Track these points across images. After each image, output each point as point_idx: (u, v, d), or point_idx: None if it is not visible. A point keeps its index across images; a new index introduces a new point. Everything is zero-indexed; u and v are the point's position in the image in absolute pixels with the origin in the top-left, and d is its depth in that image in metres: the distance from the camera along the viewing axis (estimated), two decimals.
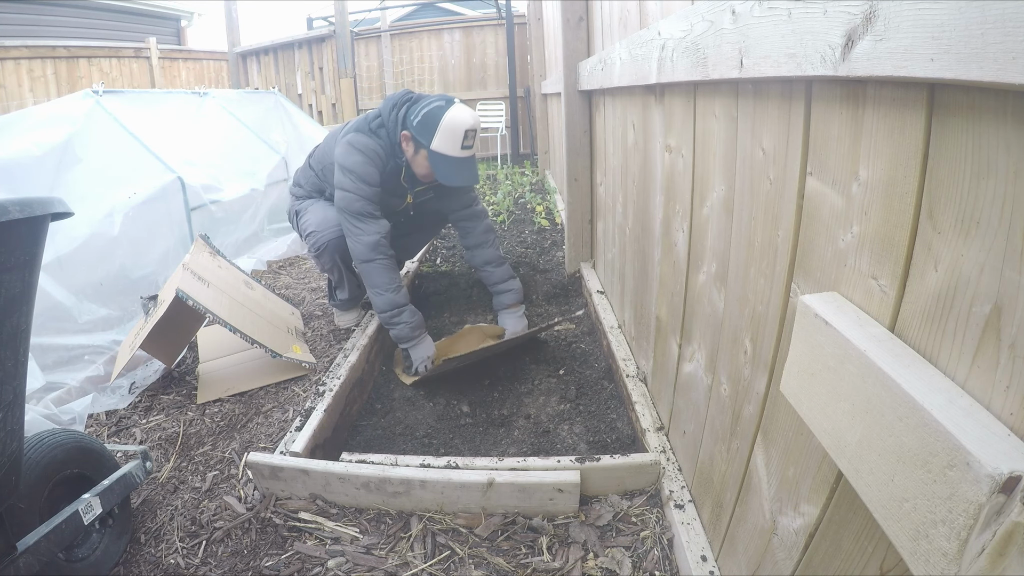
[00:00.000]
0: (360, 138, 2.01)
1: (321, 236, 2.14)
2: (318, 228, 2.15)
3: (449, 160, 1.94)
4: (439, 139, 1.91)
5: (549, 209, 4.15)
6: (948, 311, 0.48)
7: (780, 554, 0.79)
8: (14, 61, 6.12)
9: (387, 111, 2.05)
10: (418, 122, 1.94)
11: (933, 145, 0.49)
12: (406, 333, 1.99)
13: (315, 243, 2.16)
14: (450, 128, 1.90)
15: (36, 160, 2.32)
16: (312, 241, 2.17)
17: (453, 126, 1.90)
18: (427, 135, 1.92)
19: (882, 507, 0.49)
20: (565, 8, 2.41)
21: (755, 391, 0.87)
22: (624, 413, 1.72)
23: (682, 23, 1.01)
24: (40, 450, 1.14)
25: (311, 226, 2.18)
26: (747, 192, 0.89)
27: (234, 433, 1.73)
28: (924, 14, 0.42)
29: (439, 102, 1.96)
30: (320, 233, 2.14)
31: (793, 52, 0.63)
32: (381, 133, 2.04)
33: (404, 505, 1.34)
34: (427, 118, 1.92)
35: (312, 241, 2.17)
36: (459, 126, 1.91)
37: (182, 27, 10.48)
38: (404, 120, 2.00)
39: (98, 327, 2.15)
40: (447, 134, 1.91)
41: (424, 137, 1.93)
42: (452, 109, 1.93)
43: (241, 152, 3.72)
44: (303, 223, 2.23)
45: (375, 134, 2.04)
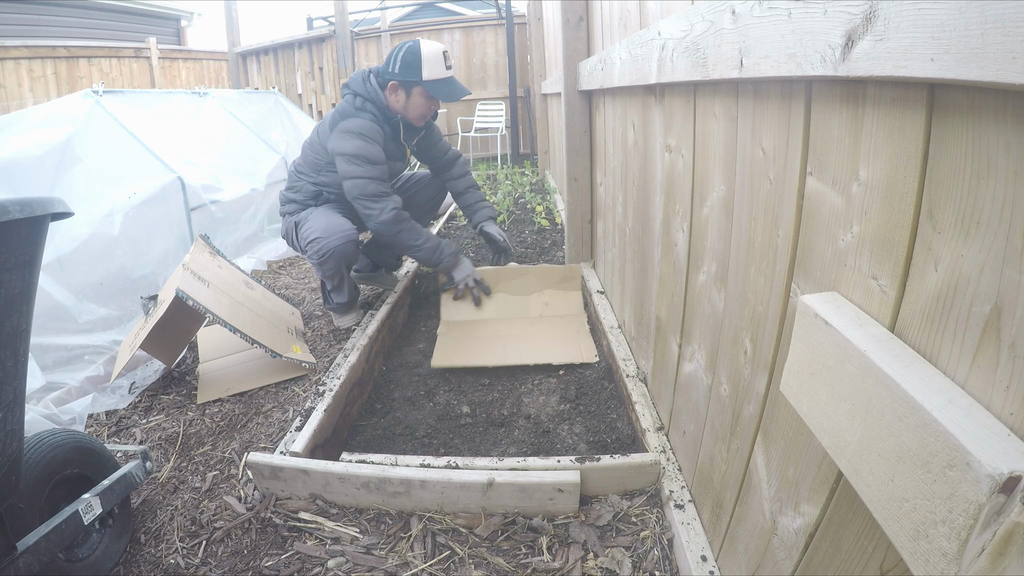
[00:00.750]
0: (352, 123, 2.10)
1: (327, 243, 2.13)
2: (323, 234, 2.14)
3: (442, 82, 2.13)
4: (427, 68, 2.09)
5: (549, 209, 4.14)
6: (948, 311, 0.48)
7: (780, 554, 0.79)
8: (14, 61, 6.13)
9: (360, 87, 2.16)
10: (400, 67, 2.10)
11: (933, 145, 0.49)
12: (450, 262, 2.29)
13: (319, 249, 2.14)
14: (431, 56, 2.10)
15: (36, 160, 2.32)
16: (316, 248, 2.15)
17: (433, 53, 2.10)
18: (415, 72, 2.09)
19: (882, 507, 0.49)
20: (565, 8, 2.41)
21: (755, 391, 0.87)
22: (624, 413, 1.72)
23: (682, 23, 1.01)
24: (40, 450, 1.14)
25: (314, 232, 2.15)
26: (747, 192, 0.89)
27: (234, 433, 1.73)
28: (924, 14, 0.42)
29: (408, 44, 2.13)
30: (325, 240, 2.13)
31: (793, 52, 0.63)
32: (368, 107, 2.14)
33: (404, 505, 1.34)
34: (407, 58, 2.09)
35: (316, 248, 2.15)
36: (437, 50, 2.12)
37: (182, 27, 10.48)
38: (382, 80, 2.15)
39: (98, 327, 2.15)
40: (431, 61, 2.10)
41: (413, 75, 2.10)
42: (423, 43, 2.12)
43: (241, 152, 3.72)
44: (304, 232, 2.20)
45: (363, 111, 2.13)
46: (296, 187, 2.32)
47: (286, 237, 2.38)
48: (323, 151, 2.21)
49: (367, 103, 2.14)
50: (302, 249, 2.27)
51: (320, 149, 2.23)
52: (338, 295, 2.31)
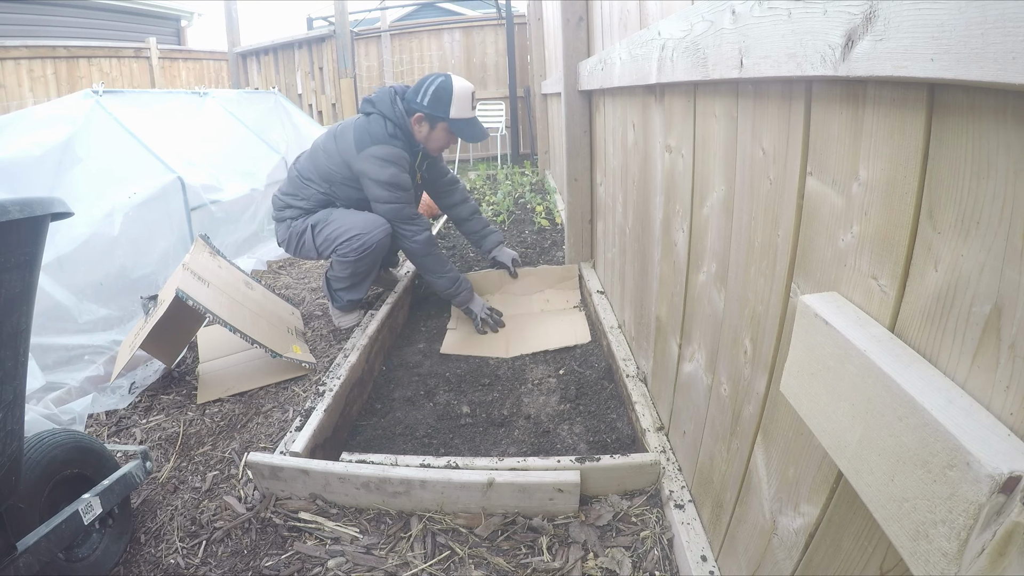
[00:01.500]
0: (387, 150, 2.14)
1: (370, 237, 2.14)
2: (364, 230, 2.15)
3: (467, 122, 2.20)
4: (456, 107, 2.15)
5: (549, 209, 4.14)
6: (948, 311, 0.48)
7: (780, 554, 0.79)
8: (14, 61, 6.13)
9: (389, 110, 2.16)
10: (429, 101, 2.14)
11: (933, 145, 0.49)
12: (466, 297, 2.34)
13: (362, 244, 2.14)
14: (461, 95, 2.16)
15: (36, 160, 2.32)
16: (358, 243, 2.14)
17: (463, 92, 2.17)
18: (443, 108, 2.14)
19: (882, 507, 0.49)
20: (565, 8, 2.41)
21: (755, 391, 0.87)
22: (624, 413, 1.72)
23: (682, 23, 1.01)
24: (40, 450, 1.14)
25: (353, 229, 2.15)
26: (747, 192, 0.89)
27: (234, 433, 1.73)
28: (924, 14, 0.42)
29: (440, 79, 2.17)
30: (368, 235, 2.14)
31: (793, 52, 0.63)
32: (398, 134, 2.18)
33: (404, 505, 1.34)
34: (438, 93, 2.14)
35: (358, 243, 2.14)
36: (467, 90, 2.19)
37: (182, 27, 10.48)
38: (409, 108, 2.18)
39: (98, 327, 2.15)
40: (460, 100, 2.16)
41: (440, 111, 2.15)
42: (455, 80, 2.18)
43: (241, 152, 3.72)
44: (333, 232, 2.18)
45: (395, 139, 2.17)
46: (301, 195, 2.28)
47: (287, 242, 2.32)
48: (343, 166, 2.19)
49: (398, 130, 2.17)
50: (321, 251, 2.24)
51: (340, 163, 2.19)
52: (353, 292, 2.28)
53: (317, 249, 2.24)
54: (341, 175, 2.20)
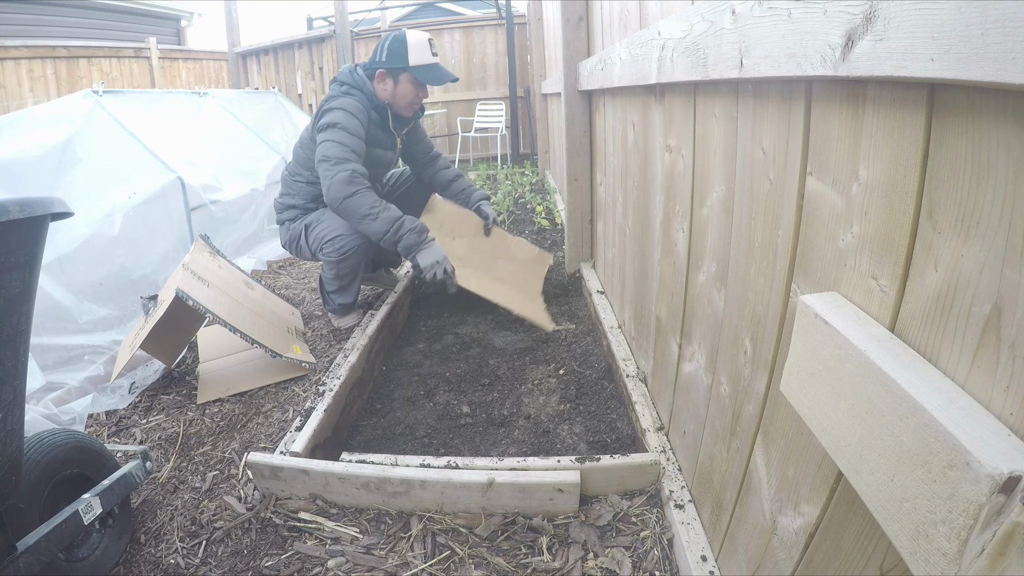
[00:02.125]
0: (336, 100, 2.12)
1: (351, 239, 2.12)
2: (344, 232, 2.12)
3: (429, 67, 2.16)
4: (413, 55, 2.13)
5: (549, 209, 4.14)
6: (948, 311, 0.48)
7: (780, 554, 0.79)
8: (14, 61, 6.13)
9: (347, 77, 2.20)
10: (387, 55, 2.14)
11: (933, 145, 0.49)
12: (414, 239, 2.01)
13: (341, 247, 2.13)
14: (417, 43, 2.14)
15: (36, 160, 2.32)
16: (337, 245, 2.13)
17: (419, 40, 2.14)
18: (401, 58, 2.13)
19: (882, 507, 0.49)
20: (565, 8, 2.41)
21: (755, 391, 0.87)
22: (624, 413, 1.72)
23: (682, 23, 1.01)
24: (40, 450, 1.14)
25: (335, 231, 2.13)
26: (747, 192, 0.89)
27: (234, 433, 1.73)
28: (924, 14, 0.42)
29: (393, 33, 2.17)
30: (348, 237, 2.12)
31: (793, 52, 0.63)
32: (354, 92, 2.17)
33: (404, 505, 1.34)
34: (394, 46, 2.14)
35: (337, 245, 2.13)
36: (422, 37, 2.15)
37: (182, 27, 10.48)
38: (370, 71, 2.18)
39: (98, 327, 2.15)
40: (417, 48, 2.14)
41: (400, 61, 2.13)
42: (409, 32, 2.16)
43: (241, 152, 3.72)
44: (320, 232, 2.18)
45: (349, 95, 2.15)
46: (293, 191, 2.29)
47: (289, 245, 2.32)
48: (311, 144, 2.20)
49: (353, 89, 2.17)
50: (314, 251, 2.24)
51: (309, 143, 2.22)
52: (343, 296, 2.28)
53: (310, 249, 2.25)
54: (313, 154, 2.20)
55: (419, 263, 2.04)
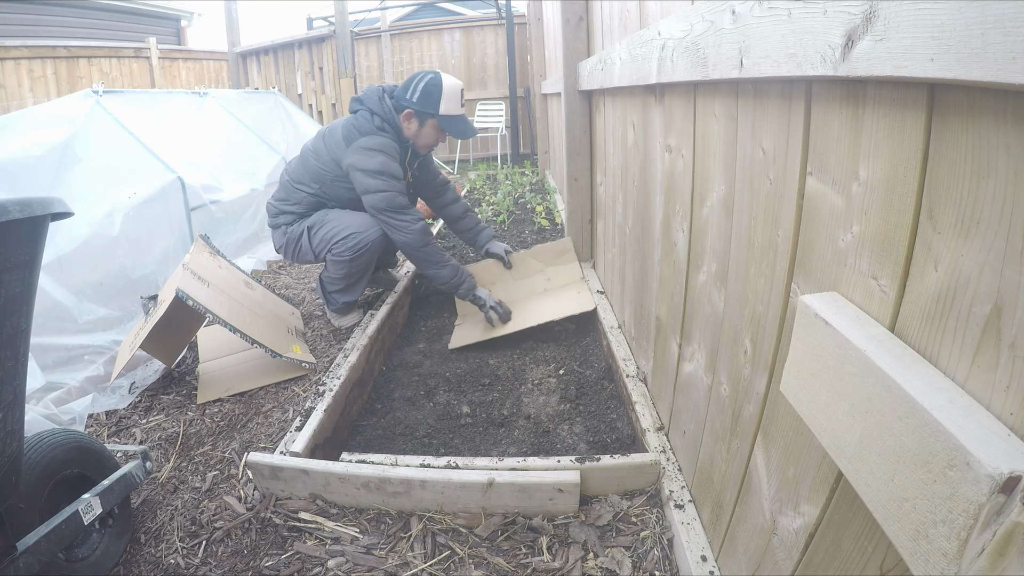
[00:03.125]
0: (375, 140, 2.12)
1: (365, 236, 2.16)
2: (359, 229, 2.16)
3: (456, 118, 2.21)
4: (444, 104, 2.16)
5: (549, 209, 4.14)
6: (948, 311, 0.48)
7: (780, 554, 0.79)
8: (14, 61, 6.13)
9: (376, 106, 2.17)
10: (418, 97, 2.15)
11: (933, 145, 0.49)
12: (471, 284, 2.28)
13: (357, 244, 2.16)
14: (451, 91, 2.17)
15: (36, 160, 2.32)
16: (352, 243, 2.15)
17: (452, 89, 2.17)
18: (432, 105, 2.15)
19: (882, 507, 0.49)
20: (565, 8, 2.41)
21: (755, 391, 0.87)
22: (624, 413, 1.72)
23: (682, 23, 1.01)
24: (40, 450, 1.14)
25: (348, 229, 2.16)
26: (747, 192, 0.89)
27: (234, 433, 1.73)
28: (924, 14, 0.42)
29: (429, 76, 2.17)
30: (363, 234, 2.16)
31: (793, 52, 0.63)
32: (386, 127, 2.17)
33: (404, 505, 1.34)
34: (427, 91, 2.14)
35: (352, 243, 2.15)
36: (456, 87, 2.19)
37: (182, 27, 10.48)
38: (398, 104, 2.19)
39: (98, 327, 2.15)
40: (450, 97, 2.17)
41: (430, 107, 2.15)
42: (445, 77, 2.18)
43: (241, 152, 3.72)
44: (329, 232, 2.19)
45: (383, 131, 2.16)
46: (293, 200, 2.28)
47: (286, 247, 2.31)
48: (333, 164, 2.18)
49: (385, 123, 2.16)
50: (318, 252, 2.24)
51: (329, 162, 2.19)
52: (347, 294, 2.30)
53: (314, 251, 2.25)
54: (332, 174, 2.20)
55: (480, 296, 2.29)
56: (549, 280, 2.55)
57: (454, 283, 2.24)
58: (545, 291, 2.50)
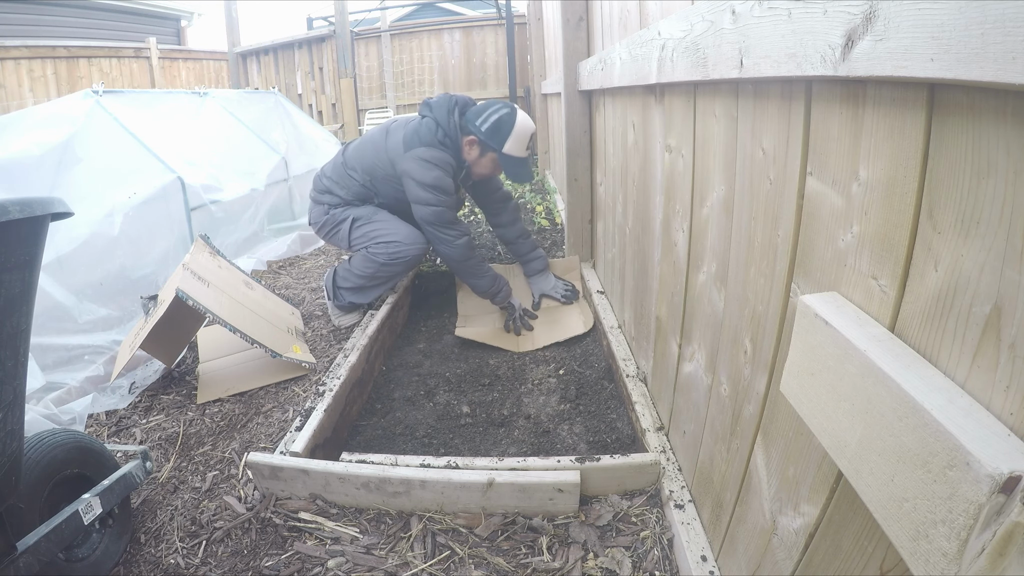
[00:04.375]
0: (434, 153, 2.12)
1: (409, 249, 2.20)
2: (404, 240, 2.20)
3: (517, 160, 2.17)
4: (511, 144, 2.13)
5: (549, 209, 4.14)
6: (948, 311, 0.48)
7: (780, 554, 0.79)
8: (14, 61, 6.12)
9: (444, 119, 2.16)
10: (488, 128, 2.12)
11: (933, 145, 0.49)
12: (506, 293, 2.34)
13: (398, 252, 2.19)
14: (521, 134, 2.13)
15: (36, 160, 2.32)
16: (395, 250, 2.19)
17: (523, 132, 2.13)
18: (499, 140, 2.12)
19: (882, 507, 0.49)
20: (565, 8, 2.41)
21: (755, 391, 0.87)
22: (624, 413, 1.72)
23: (682, 23, 1.01)
24: (40, 450, 1.14)
25: (394, 236, 2.20)
26: (747, 192, 0.89)
27: (234, 433, 1.73)
28: (924, 14, 0.42)
29: (505, 109, 2.14)
30: (407, 246, 2.20)
31: (793, 52, 0.63)
32: (447, 143, 2.17)
33: (404, 505, 1.34)
34: (498, 125, 2.12)
35: (395, 250, 2.19)
36: (527, 131, 2.15)
37: (182, 27, 10.48)
38: (464, 126, 2.17)
39: (98, 327, 2.15)
40: (518, 139, 2.13)
41: (495, 142, 2.13)
42: (519, 116, 2.14)
43: (241, 152, 3.72)
44: (374, 232, 2.22)
45: (443, 146, 2.16)
46: (343, 183, 2.31)
47: (320, 225, 2.34)
48: (388, 163, 2.20)
49: (447, 139, 2.16)
50: (354, 245, 2.27)
51: (385, 159, 2.21)
52: (359, 295, 2.32)
53: (350, 241, 2.28)
54: (384, 171, 2.22)
55: (514, 304, 2.37)
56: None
57: (492, 291, 2.29)
58: (546, 307, 2.53)
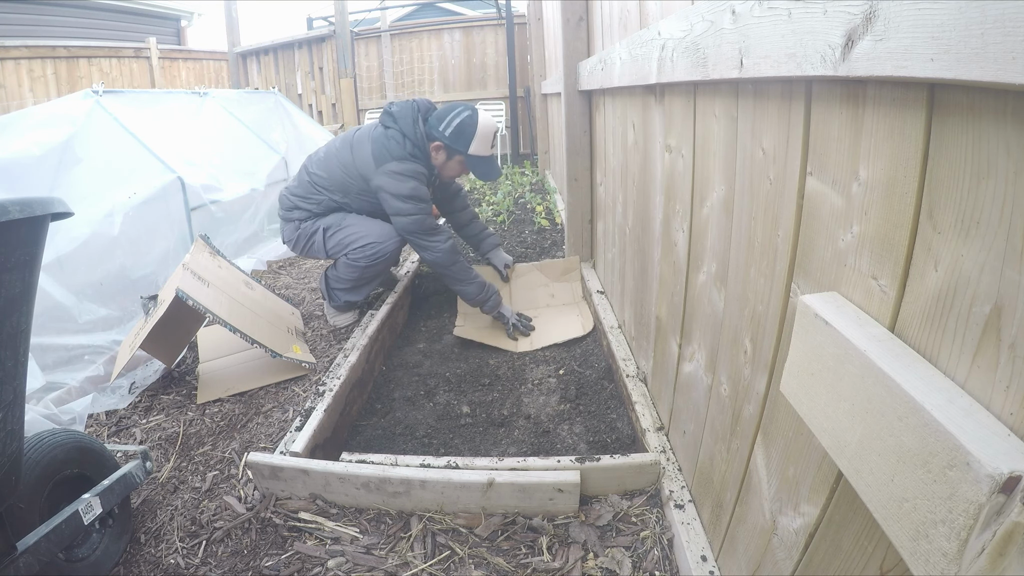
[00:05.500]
0: (407, 166, 2.15)
1: (384, 246, 2.21)
2: (379, 239, 2.21)
3: (483, 159, 2.21)
4: (476, 144, 2.16)
5: (549, 209, 4.14)
6: (948, 311, 0.48)
7: (780, 554, 0.79)
8: (14, 61, 6.12)
9: (410, 129, 2.17)
10: (451, 132, 2.15)
11: (933, 145, 0.49)
12: (497, 300, 2.30)
13: (375, 252, 2.20)
14: (484, 134, 2.17)
15: (36, 160, 2.32)
16: (370, 252, 2.20)
17: (486, 132, 2.17)
18: (463, 143, 2.16)
19: (882, 507, 0.49)
20: (565, 8, 2.41)
21: (755, 391, 0.87)
22: (624, 413, 1.72)
23: (682, 23, 1.01)
24: (40, 450, 1.14)
25: (368, 238, 2.21)
26: (747, 192, 0.89)
27: (234, 433, 1.73)
28: (924, 14, 0.42)
29: (466, 112, 2.17)
30: (383, 244, 2.21)
31: (793, 52, 0.63)
32: (417, 154, 2.19)
33: (404, 505, 1.34)
34: (461, 128, 2.15)
35: (370, 252, 2.20)
36: (490, 131, 2.18)
37: (182, 27, 10.47)
38: (429, 133, 2.20)
39: (98, 327, 2.15)
40: (482, 139, 2.17)
41: (460, 145, 2.16)
42: (481, 117, 2.17)
43: (241, 152, 3.72)
44: (347, 237, 2.23)
45: (414, 158, 2.17)
46: (311, 199, 2.29)
47: (295, 242, 2.34)
48: (360, 179, 2.20)
49: (416, 149, 2.17)
50: (331, 253, 2.28)
51: (357, 176, 2.21)
52: (353, 294, 2.33)
53: (327, 251, 2.29)
54: (358, 187, 2.23)
55: (504, 315, 2.33)
56: (553, 296, 2.59)
57: (480, 299, 2.27)
58: (547, 306, 2.54)
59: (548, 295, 2.60)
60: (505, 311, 2.33)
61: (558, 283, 2.63)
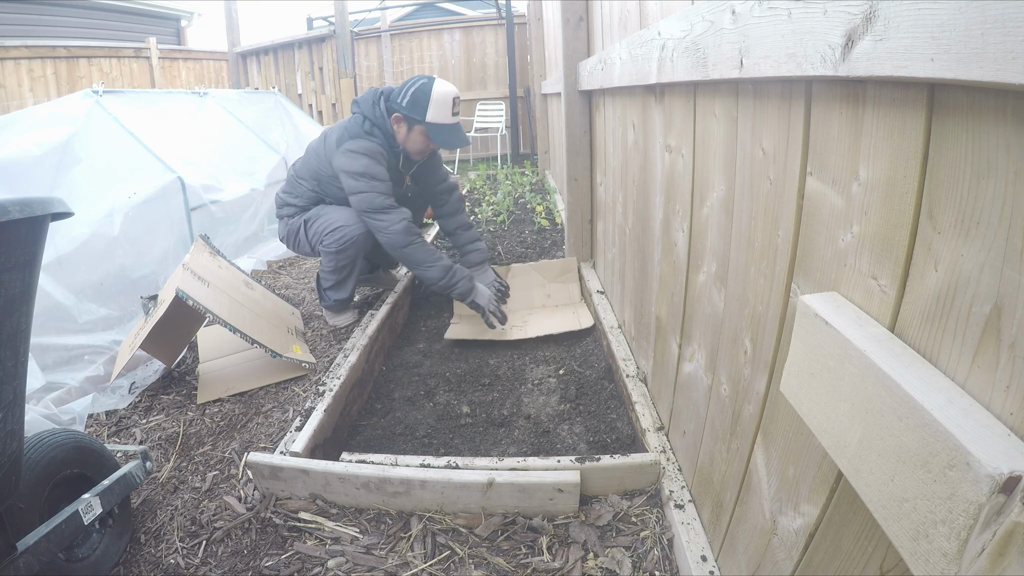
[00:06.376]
0: (360, 143, 2.13)
1: (350, 230, 2.18)
2: (346, 223, 2.19)
3: (444, 127, 2.14)
4: (433, 111, 2.10)
5: (549, 209, 4.14)
6: (948, 311, 0.48)
7: (780, 554, 0.79)
8: (14, 61, 6.12)
9: (369, 110, 2.17)
10: (408, 102, 2.10)
11: (933, 145, 0.49)
12: (467, 286, 2.18)
13: (341, 237, 2.18)
14: (441, 99, 2.10)
15: (36, 160, 2.32)
16: (338, 236, 2.19)
17: (443, 96, 2.10)
18: (420, 111, 2.10)
19: (882, 507, 0.49)
20: (565, 8, 2.41)
21: (755, 391, 0.87)
22: (624, 413, 1.72)
23: (682, 23, 1.01)
24: (40, 450, 1.14)
25: (336, 223, 2.19)
26: (747, 192, 0.89)
27: (234, 433, 1.73)
28: (924, 14, 0.42)
29: (421, 81, 2.12)
30: (349, 227, 2.18)
31: (793, 52, 0.63)
32: (375, 132, 2.16)
33: (404, 505, 1.34)
34: (416, 95, 2.09)
35: (338, 236, 2.19)
36: (448, 95, 2.12)
37: (182, 27, 10.48)
38: (389, 108, 2.16)
39: (98, 327, 2.15)
40: (439, 105, 2.10)
41: (417, 113, 2.10)
42: (437, 83, 2.11)
43: (241, 152, 3.72)
44: (320, 225, 2.23)
45: (371, 135, 2.16)
46: (296, 193, 2.35)
47: (286, 238, 2.39)
48: (327, 164, 2.23)
49: (375, 128, 2.16)
50: (313, 245, 2.29)
51: (326, 163, 2.24)
52: (338, 291, 2.32)
53: (310, 243, 2.31)
54: (327, 173, 2.25)
55: (479, 304, 2.20)
56: (549, 296, 2.58)
57: (444, 284, 2.15)
58: (543, 306, 2.54)
59: (544, 295, 2.59)
60: (480, 299, 2.19)
61: (555, 283, 2.63)
